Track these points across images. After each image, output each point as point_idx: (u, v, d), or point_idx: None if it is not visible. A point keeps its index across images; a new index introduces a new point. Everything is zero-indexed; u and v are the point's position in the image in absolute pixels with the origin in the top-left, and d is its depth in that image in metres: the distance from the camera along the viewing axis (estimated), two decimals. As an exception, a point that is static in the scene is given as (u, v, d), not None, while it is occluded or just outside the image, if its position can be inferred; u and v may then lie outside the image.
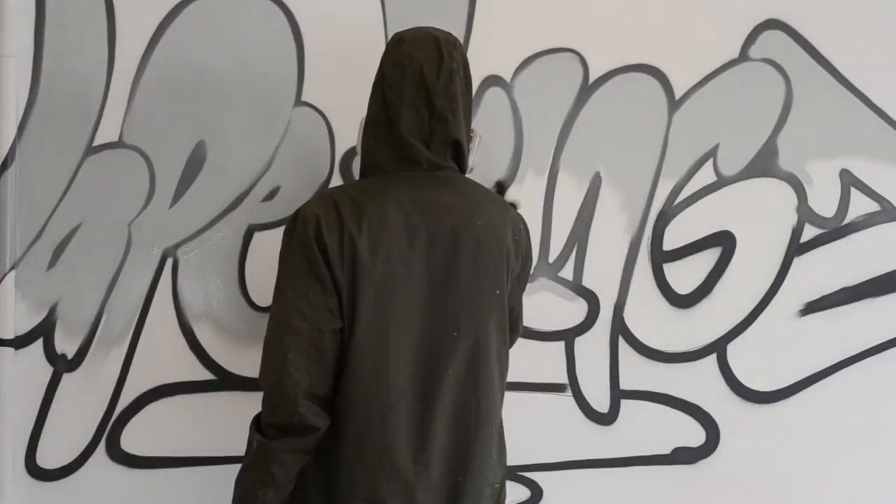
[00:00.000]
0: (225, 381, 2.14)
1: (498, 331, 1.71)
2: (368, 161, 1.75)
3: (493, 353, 1.70)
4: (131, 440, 2.12)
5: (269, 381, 1.63)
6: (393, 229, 1.64)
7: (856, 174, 2.31)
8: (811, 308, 2.32)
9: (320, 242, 1.62)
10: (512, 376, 2.21)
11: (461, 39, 2.13)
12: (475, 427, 1.68)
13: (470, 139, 1.80)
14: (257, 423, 1.67)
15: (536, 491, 2.26)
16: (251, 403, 2.14)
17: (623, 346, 2.26)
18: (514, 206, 2.09)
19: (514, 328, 1.87)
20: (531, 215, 2.20)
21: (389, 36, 2.12)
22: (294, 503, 1.67)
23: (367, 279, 1.61)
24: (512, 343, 1.87)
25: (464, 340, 1.66)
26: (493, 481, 1.75)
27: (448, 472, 1.67)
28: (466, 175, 1.79)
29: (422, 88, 1.68)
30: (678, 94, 2.23)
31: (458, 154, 1.74)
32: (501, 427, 1.79)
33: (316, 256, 1.61)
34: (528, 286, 2.20)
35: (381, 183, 1.69)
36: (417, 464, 1.64)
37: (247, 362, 2.14)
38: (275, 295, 1.66)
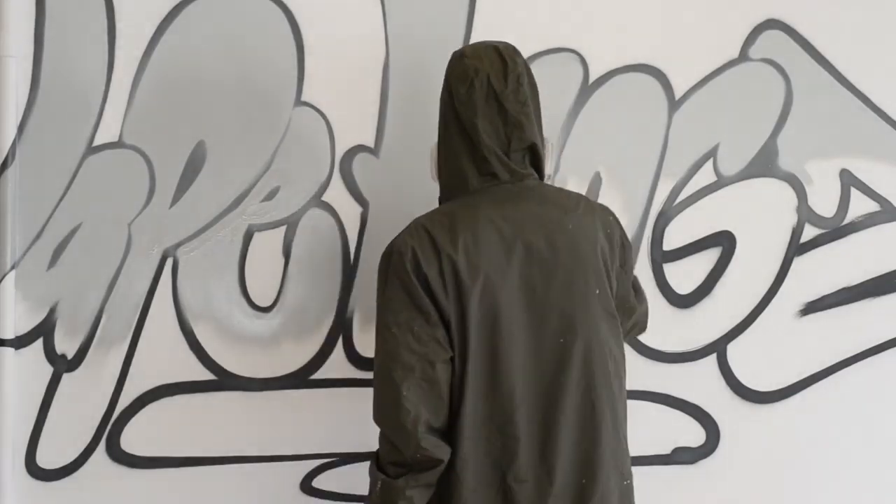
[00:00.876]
0: (225, 381, 2.14)
1: (607, 330, 1.71)
2: (451, 182, 1.75)
3: (605, 352, 1.70)
4: (131, 440, 2.12)
5: (386, 420, 1.64)
6: (489, 247, 1.64)
7: (856, 174, 2.31)
8: (811, 308, 2.32)
9: (419, 274, 1.62)
10: (512, 376, 2.22)
11: (461, 39, 2.14)
12: (593, 429, 1.67)
13: (543, 145, 1.79)
14: (377, 462, 1.68)
15: (536, 491, 2.26)
16: (251, 403, 2.15)
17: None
18: None
19: (632, 314, 1.88)
20: (531, 215, 2.20)
21: (390, 36, 2.13)
22: None
23: (471, 302, 1.61)
24: (643, 329, 1.92)
25: (573, 346, 1.66)
26: (621, 480, 1.73)
27: (572, 477, 1.66)
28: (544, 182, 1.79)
29: (492, 98, 1.69)
30: (678, 94, 2.23)
31: (536, 159, 1.75)
32: (624, 425, 1.76)
33: (417, 289, 1.61)
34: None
35: (469, 203, 1.70)
36: (541, 472, 1.64)
37: (247, 362, 2.15)
38: (378, 333, 1.67)
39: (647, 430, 2.28)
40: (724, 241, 2.28)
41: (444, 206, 1.77)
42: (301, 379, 2.16)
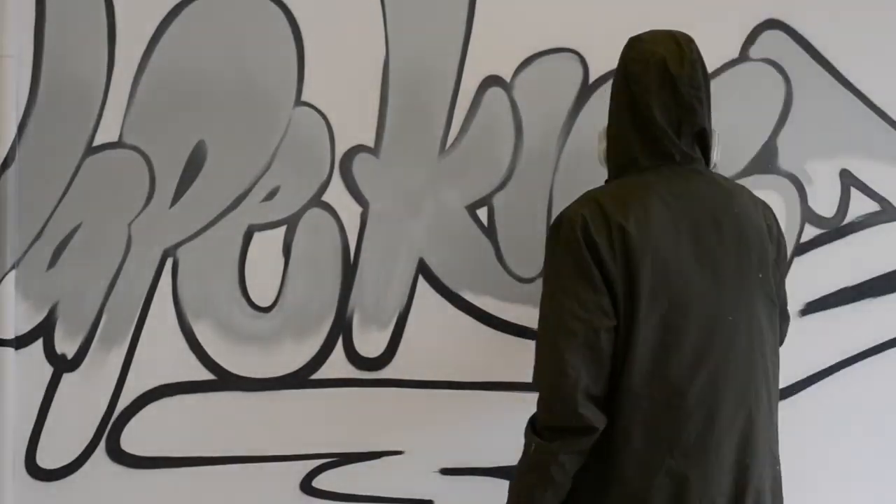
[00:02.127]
0: (225, 381, 2.14)
1: (765, 313, 1.73)
2: (622, 160, 1.76)
3: (765, 334, 1.72)
4: (131, 440, 2.12)
5: (546, 384, 1.65)
6: (659, 221, 1.65)
7: (856, 174, 2.31)
8: (811, 308, 2.32)
9: (589, 242, 1.63)
10: (512, 376, 2.22)
11: (461, 39, 2.14)
12: (754, 410, 1.69)
13: (711, 132, 1.80)
14: (533, 426, 1.69)
15: (536, 491, 2.26)
16: (251, 403, 2.15)
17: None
18: None
19: (783, 314, 1.88)
20: (531, 215, 2.20)
21: (390, 36, 2.13)
22: (573, 502, 1.67)
23: (640, 272, 1.62)
24: (784, 333, 1.91)
25: (738, 325, 1.67)
26: (774, 464, 1.76)
27: (735, 456, 1.67)
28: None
29: (667, 80, 1.70)
30: (678, 94, 2.23)
31: (704, 145, 1.76)
32: (776, 409, 1.79)
33: (585, 257, 1.62)
34: (528, 286, 2.21)
35: (638, 180, 1.71)
36: (707, 447, 1.64)
37: (247, 362, 2.15)
38: (544, 298, 1.68)
39: (647, 430, 2.28)
40: (724, 241, 2.28)
41: (615, 182, 1.78)
42: (301, 379, 2.16)
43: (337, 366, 2.17)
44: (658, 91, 1.70)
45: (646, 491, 1.62)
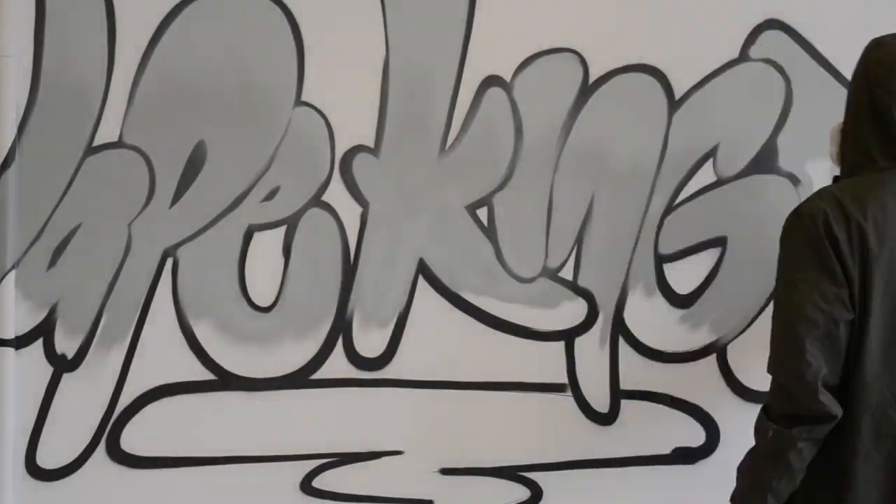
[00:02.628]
0: (225, 381, 2.14)
1: None
2: (858, 159, 1.78)
3: None
4: (131, 440, 2.12)
5: (786, 371, 1.68)
6: (894, 221, 1.68)
7: (856, 174, 2.31)
8: (811, 308, 2.32)
9: (830, 235, 1.66)
10: (512, 376, 2.22)
11: (461, 39, 2.14)
12: None
13: None
14: (767, 414, 1.72)
15: (536, 491, 2.26)
16: (251, 403, 2.15)
17: (623, 346, 2.26)
18: None
19: None
20: (531, 215, 2.20)
21: (390, 36, 2.13)
22: (803, 493, 1.71)
23: (876, 269, 1.66)
24: None
25: None
26: None
27: None
28: None
29: None
30: (678, 94, 2.23)
31: None
32: None
33: (826, 249, 1.66)
34: (527, 286, 2.21)
35: (876, 178, 1.73)
36: None
37: (247, 362, 2.15)
38: (784, 288, 1.71)
39: (647, 430, 2.28)
40: (724, 241, 2.28)
41: (851, 179, 1.79)
42: (301, 379, 2.16)
43: (337, 366, 2.17)
44: None
45: (869, 483, 1.66)
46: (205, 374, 2.13)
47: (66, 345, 2.09)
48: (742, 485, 1.76)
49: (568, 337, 2.24)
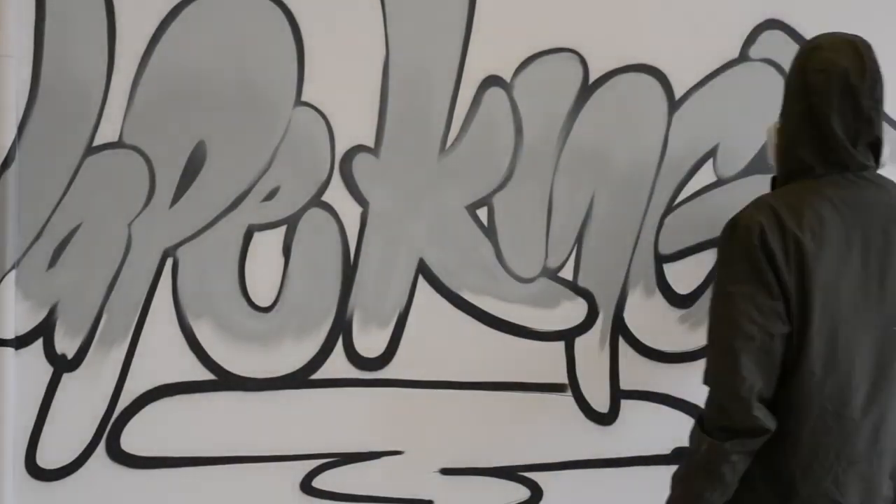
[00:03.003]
0: (225, 381, 2.14)
1: None
2: (795, 166, 1.78)
3: None
4: (131, 440, 2.12)
5: (721, 385, 1.69)
6: (831, 231, 1.68)
7: (856, 174, 2.31)
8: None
9: (766, 248, 1.66)
10: (512, 376, 2.22)
11: (461, 39, 2.14)
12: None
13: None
14: (701, 426, 1.72)
15: (536, 491, 2.26)
16: (251, 403, 2.15)
17: (623, 346, 2.26)
18: None
19: None
20: (531, 216, 2.20)
21: (390, 36, 2.13)
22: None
23: (813, 281, 1.65)
24: None
25: None
26: None
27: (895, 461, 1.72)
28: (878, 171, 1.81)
29: (847, 93, 1.71)
30: (678, 94, 2.23)
31: (876, 151, 1.78)
32: None
33: (762, 262, 1.65)
34: (527, 286, 2.21)
35: (811, 187, 1.73)
36: (872, 456, 1.69)
37: (247, 362, 2.15)
38: (718, 300, 1.72)
39: (647, 430, 2.28)
40: (724, 241, 2.28)
41: (788, 187, 1.79)
42: (301, 379, 2.16)
43: (337, 366, 2.17)
44: (839, 103, 1.71)
45: (811, 498, 1.67)
46: (205, 374, 2.13)
47: (66, 345, 2.09)
48: (675, 495, 1.76)
49: (568, 337, 2.24)
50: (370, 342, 2.18)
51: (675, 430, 2.29)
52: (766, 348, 1.65)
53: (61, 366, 2.09)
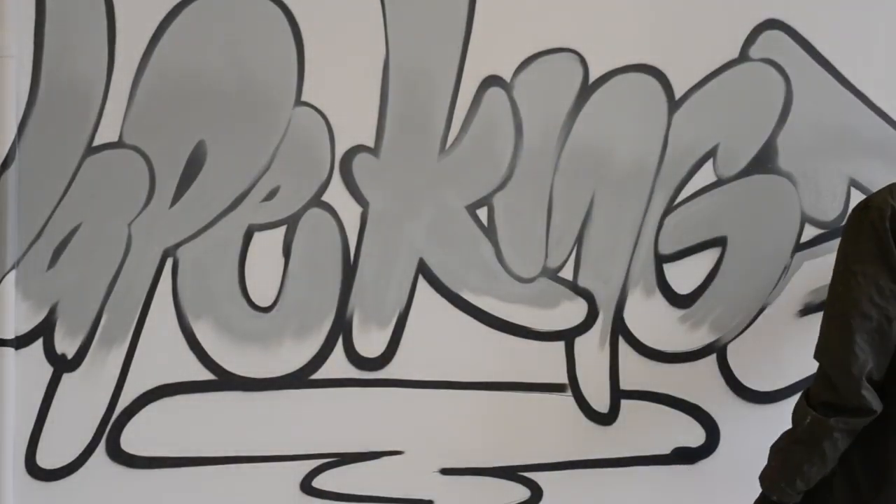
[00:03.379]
0: (225, 381, 2.14)
1: None
2: None
3: None
4: (131, 440, 2.12)
5: (833, 361, 1.70)
6: None
7: (855, 174, 2.31)
8: (811, 308, 2.32)
9: (895, 232, 1.67)
10: (512, 376, 2.22)
11: (461, 39, 2.14)
12: None
13: None
14: (807, 399, 1.74)
15: (536, 491, 2.26)
16: (251, 403, 2.15)
17: (623, 346, 2.26)
18: None
19: None
20: (531, 216, 2.20)
21: (390, 36, 2.13)
22: (845, 484, 1.73)
23: None
24: None
25: None
26: None
27: None
28: None
29: None
30: (678, 94, 2.23)
31: None
32: None
33: (890, 245, 1.67)
34: (527, 286, 2.21)
35: None
36: None
37: (247, 362, 2.15)
38: (840, 278, 1.73)
39: (647, 430, 2.28)
40: (724, 242, 2.28)
41: None
42: (301, 379, 2.16)
43: (337, 366, 2.17)
44: None
45: None
46: (205, 374, 2.13)
47: (66, 345, 2.09)
48: (773, 465, 1.78)
49: (568, 337, 2.24)
50: (370, 342, 2.18)
51: (675, 430, 2.30)
52: (882, 330, 1.66)
53: (61, 366, 2.09)
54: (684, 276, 2.27)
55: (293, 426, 2.17)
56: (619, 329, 2.26)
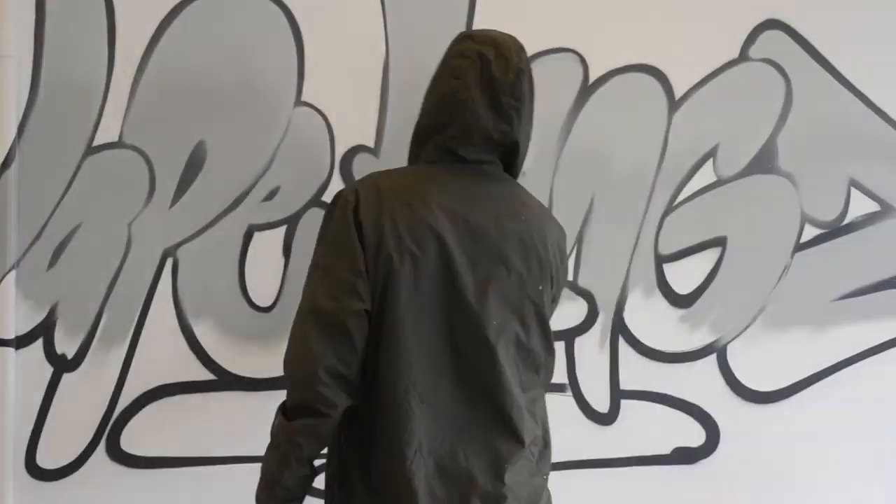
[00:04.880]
0: (225, 381, 2.14)
1: (536, 326, 1.67)
2: (415, 149, 1.74)
3: (531, 342, 1.66)
4: (131, 440, 2.12)
5: (290, 359, 1.65)
6: (435, 214, 1.60)
7: (855, 174, 2.31)
8: (811, 308, 2.32)
9: (357, 222, 1.59)
10: (512, 376, 2.22)
11: (461, 39, 2.14)
12: (487, 408, 1.63)
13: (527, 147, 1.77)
14: (283, 405, 1.68)
15: (536, 491, 2.26)
16: (251, 403, 2.15)
17: (623, 346, 2.26)
18: None
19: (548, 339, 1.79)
20: (531, 215, 2.20)
21: (390, 36, 2.13)
22: (342, 488, 1.70)
23: (402, 263, 1.58)
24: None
25: (501, 331, 1.62)
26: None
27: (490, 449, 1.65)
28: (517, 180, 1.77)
29: (488, 84, 1.65)
30: (678, 94, 2.23)
31: (514, 154, 1.72)
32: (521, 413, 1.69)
33: (351, 236, 1.58)
34: (528, 286, 2.21)
35: (427, 170, 1.68)
36: (434, 440, 1.61)
37: (247, 362, 2.15)
38: (308, 272, 1.65)
39: (647, 430, 2.28)
40: (724, 241, 2.28)
41: (402, 168, 1.76)
42: (301, 379, 2.16)
43: (337, 366, 2.17)
44: (476, 92, 1.64)
45: (392, 477, 1.60)
46: (205, 374, 2.13)
47: (66, 345, 2.09)
48: (261, 474, 1.67)
49: (568, 337, 2.24)
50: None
51: (675, 430, 2.30)
52: (337, 323, 1.57)
53: (61, 366, 2.09)
54: (684, 276, 2.27)
55: (293, 426, 2.17)
56: (619, 329, 2.26)
